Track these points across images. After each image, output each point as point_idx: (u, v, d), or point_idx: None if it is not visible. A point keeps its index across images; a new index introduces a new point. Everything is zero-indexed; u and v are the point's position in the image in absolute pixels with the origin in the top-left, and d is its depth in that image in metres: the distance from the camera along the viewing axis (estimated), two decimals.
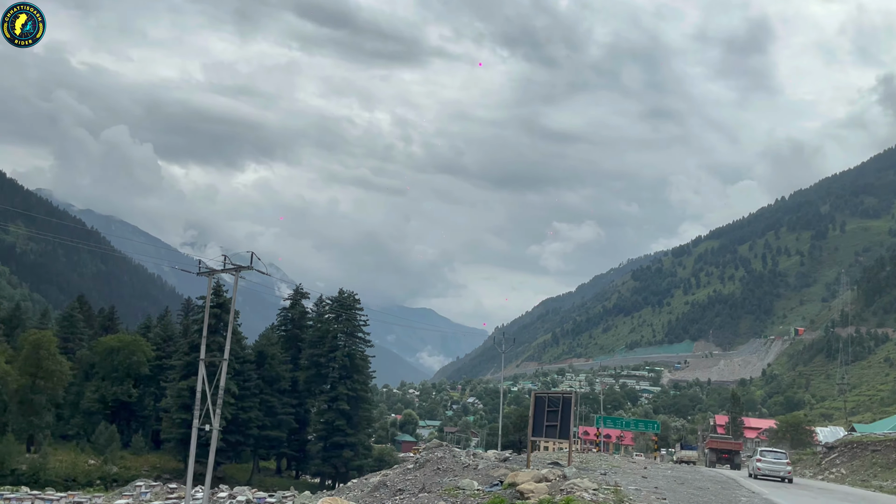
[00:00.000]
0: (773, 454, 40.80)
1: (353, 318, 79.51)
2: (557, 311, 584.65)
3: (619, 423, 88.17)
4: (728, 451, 61.96)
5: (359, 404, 76.29)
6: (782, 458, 40.16)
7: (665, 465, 47.98)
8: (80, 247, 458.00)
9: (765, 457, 40.13)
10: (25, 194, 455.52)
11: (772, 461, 39.35)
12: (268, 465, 77.88)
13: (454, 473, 20.12)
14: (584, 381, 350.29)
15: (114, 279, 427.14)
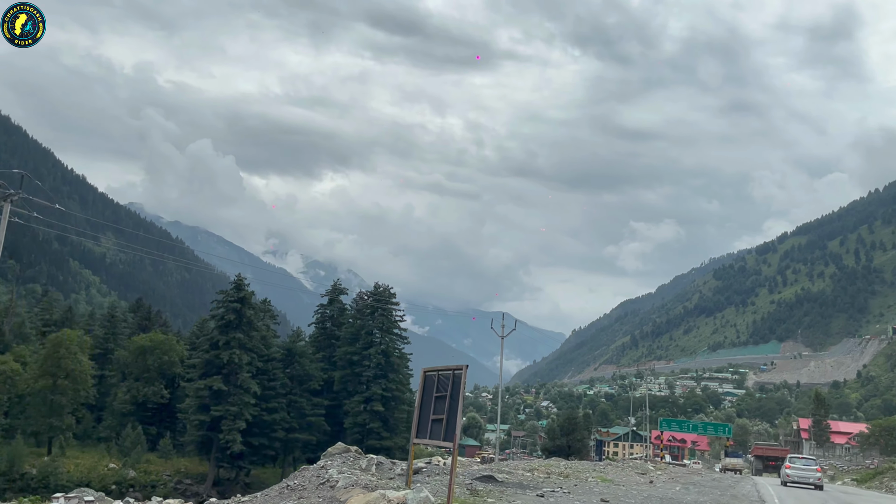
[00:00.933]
0: (803, 461, 40.65)
1: (389, 314, 74.06)
2: (636, 313, 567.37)
3: (684, 426, 79.58)
4: (775, 458, 60.88)
5: (395, 405, 70.74)
6: (812, 464, 40.03)
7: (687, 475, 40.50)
8: (165, 257, 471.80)
9: (794, 464, 39.97)
10: (115, 207, 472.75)
11: (801, 468, 39.17)
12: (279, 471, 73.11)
13: (298, 495, 14.25)
14: (663, 384, 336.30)
15: (196, 287, 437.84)
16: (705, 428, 79.79)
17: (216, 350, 59.12)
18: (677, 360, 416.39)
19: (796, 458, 41.80)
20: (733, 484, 34.32)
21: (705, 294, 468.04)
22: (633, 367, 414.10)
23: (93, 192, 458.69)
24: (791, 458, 41.92)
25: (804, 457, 43.42)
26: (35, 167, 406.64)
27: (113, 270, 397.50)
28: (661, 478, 32.99)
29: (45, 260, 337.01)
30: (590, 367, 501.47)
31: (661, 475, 35.33)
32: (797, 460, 41.29)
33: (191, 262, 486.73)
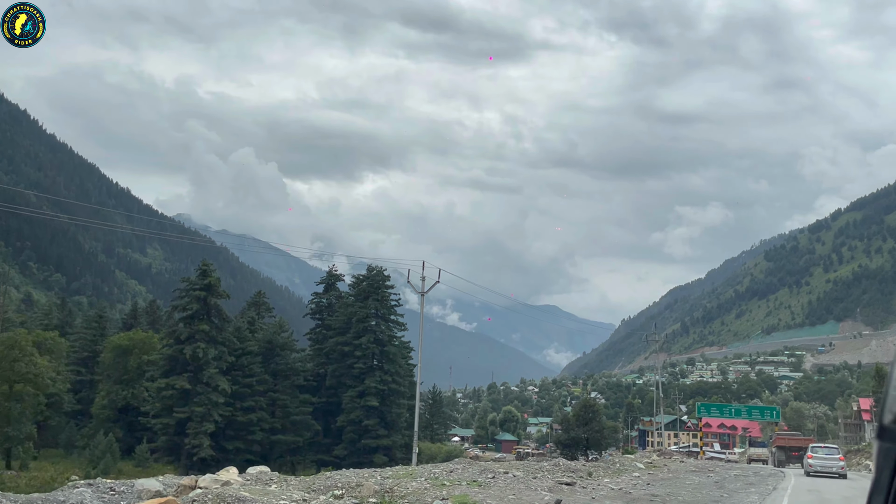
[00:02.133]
0: (825, 450, 40.55)
1: (385, 298, 65.85)
2: (686, 300, 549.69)
3: (725, 411, 69.49)
4: (798, 448, 56.18)
5: (393, 399, 62.55)
6: (834, 453, 39.95)
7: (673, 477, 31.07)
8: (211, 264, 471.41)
9: (816, 453, 39.88)
10: (160, 218, 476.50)
11: (823, 457, 39.09)
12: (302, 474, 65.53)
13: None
14: (716, 370, 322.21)
15: (242, 292, 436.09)
16: (749, 412, 69.43)
17: (180, 345, 51.98)
18: (730, 345, 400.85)
19: (818, 448, 41.37)
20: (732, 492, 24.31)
21: (757, 276, 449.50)
22: (684, 354, 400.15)
23: (137, 204, 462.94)
24: (813, 448, 41.31)
25: (826, 445, 42.97)
26: (81, 182, 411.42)
27: (159, 280, 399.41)
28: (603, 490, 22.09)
29: (90, 272, 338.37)
30: (640, 355, 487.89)
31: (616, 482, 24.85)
32: (819, 449, 40.81)
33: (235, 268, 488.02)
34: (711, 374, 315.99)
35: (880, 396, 14.54)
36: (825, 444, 44.42)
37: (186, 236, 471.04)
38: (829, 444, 43.47)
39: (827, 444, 44.83)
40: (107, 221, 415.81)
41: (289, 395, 58.69)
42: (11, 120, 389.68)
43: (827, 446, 42.57)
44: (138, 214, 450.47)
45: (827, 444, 44.83)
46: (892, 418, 1.45)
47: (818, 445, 42.80)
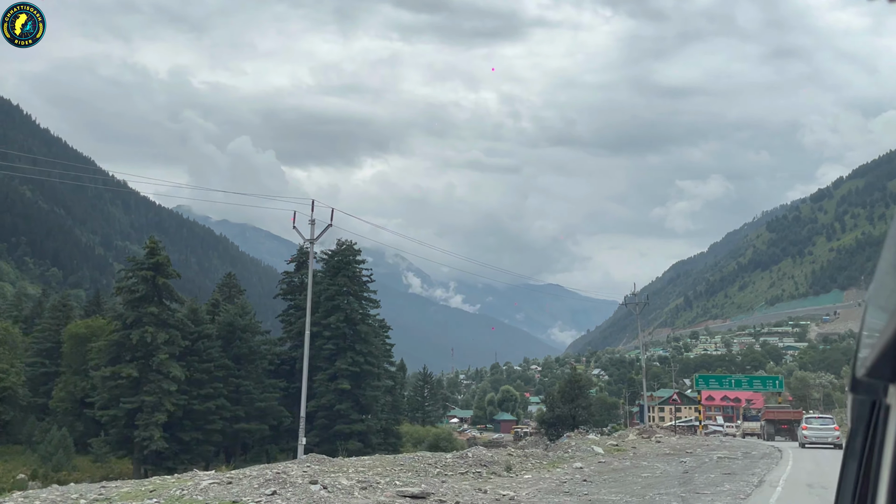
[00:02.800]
0: (820, 420, 40.31)
1: (356, 275, 61.05)
2: (689, 274, 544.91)
3: (724, 382, 64.80)
4: (787, 421, 55.36)
5: (367, 381, 58.01)
6: (829, 423, 39.50)
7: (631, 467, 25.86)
8: (210, 253, 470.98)
9: (811, 424, 39.59)
10: (157, 209, 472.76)
11: (818, 427, 38.86)
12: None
13: None
14: (719, 343, 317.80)
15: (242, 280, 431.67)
16: (751, 383, 64.77)
17: (126, 330, 47.52)
18: (734, 317, 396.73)
19: (813, 419, 41.01)
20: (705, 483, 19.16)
21: (759, 248, 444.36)
22: (688, 328, 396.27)
23: (134, 196, 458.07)
24: (808, 419, 40.73)
25: (821, 416, 43.09)
26: (76, 175, 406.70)
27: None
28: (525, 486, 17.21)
29: (88, 265, 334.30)
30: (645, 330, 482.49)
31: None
32: (814, 420, 40.44)
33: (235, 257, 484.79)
34: (715, 348, 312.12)
35: None
36: (819, 415, 43.71)
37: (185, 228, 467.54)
38: (823, 415, 42.59)
39: (821, 414, 44.39)
40: (103, 214, 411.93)
41: (252, 381, 54.23)
42: (4, 115, 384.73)
43: (821, 417, 41.84)
44: (135, 206, 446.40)
45: (821, 414, 44.39)
46: (864, 371, 1.46)
47: (812, 416, 42.10)
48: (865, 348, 1.48)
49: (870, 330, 1.41)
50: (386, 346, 70.02)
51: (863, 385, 1.61)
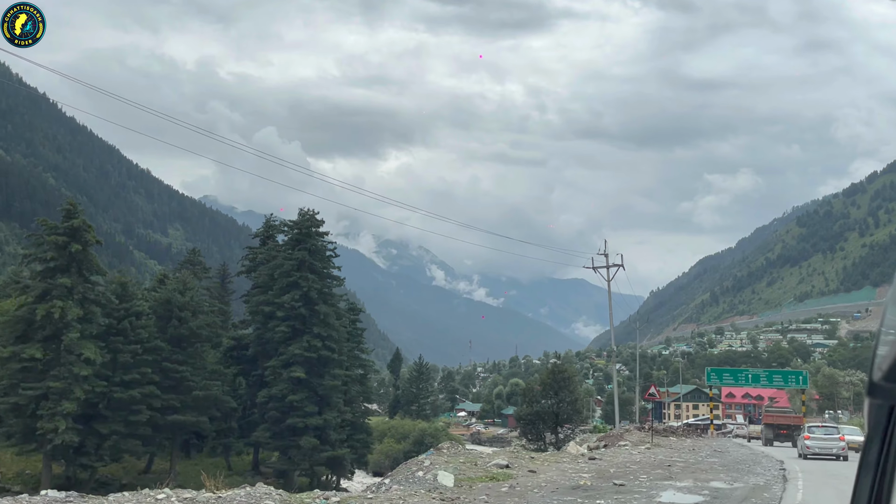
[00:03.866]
0: (824, 430, 36.51)
1: (319, 250, 53.24)
2: (716, 269, 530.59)
3: (739, 377, 55.86)
4: (787, 426, 51.83)
5: (326, 369, 50.44)
6: (833, 433, 35.72)
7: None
8: (232, 243, 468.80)
9: (814, 433, 35.64)
10: (181, 198, 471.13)
11: (822, 437, 35.01)
12: (215, 461, 53.66)
13: None
14: (745, 339, 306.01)
15: None
16: (770, 378, 55.82)
17: (33, 304, 40.57)
18: (761, 313, 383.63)
19: (816, 427, 37.47)
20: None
21: (788, 243, 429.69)
22: (713, 324, 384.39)
23: (158, 184, 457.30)
24: (810, 428, 37.14)
25: (825, 425, 40.13)
26: (101, 164, 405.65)
27: (178, 259, 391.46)
28: None
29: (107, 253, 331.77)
30: (669, 326, 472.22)
31: None
32: (817, 429, 36.72)
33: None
34: (741, 344, 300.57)
35: None
36: (823, 423, 40.89)
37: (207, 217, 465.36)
38: (827, 424, 39.42)
39: (825, 422, 41.44)
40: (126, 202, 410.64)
41: (191, 367, 47.01)
42: (30, 104, 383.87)
43: (825, 425, 38.57)
44: (158, 195, 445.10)
45: (825, 422, 41.44)
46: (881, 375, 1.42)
47: (816, 425, 38.27)
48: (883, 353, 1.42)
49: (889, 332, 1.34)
50: (355, 330, 62.30)
51: (880, 389, 1.55)
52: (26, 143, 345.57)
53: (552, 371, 56.75)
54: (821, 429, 36.61)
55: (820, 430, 36.23)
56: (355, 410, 57.40)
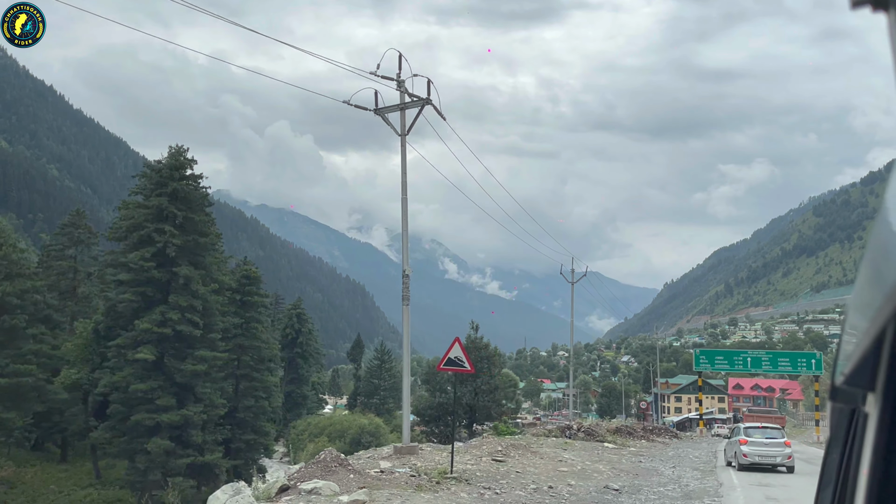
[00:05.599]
0: (763, 432, 27.14)
1: (182, 196, 40.02)
2: (731, 260, 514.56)
3: (737, 361, 42.44)
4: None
5: (190, 351, 37.82)
6: (777, 436, 26.77)
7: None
8: (239, 235, 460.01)
9: (751, 436, 26.63)
10: None
11: (762, 442, 26.35)
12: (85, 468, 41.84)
13: None
14: (759, 330, 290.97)
15: (271, 263, 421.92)
16: (775, 361, 42.01)
17: None
18: (776, 305, 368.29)
19: (753, 429, 27.44)
20: None
21: (805, 233, 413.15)
22: (726, 315, 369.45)
23: None
24: (746, 430, 27.34)
25: (764, 426, 28.47)
26: (107, 156, 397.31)
27: None
28: None
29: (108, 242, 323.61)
30: (682, 318, 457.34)
31: None
32: (755, 431, 27.11)
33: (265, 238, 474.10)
34: (755, 335, 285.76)
35: None
36: (763, 424, 30.87)
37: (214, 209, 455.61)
38: (768, 425, 29.43)
39: (766, 424, 30.54)
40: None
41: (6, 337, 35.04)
42: (36, 95, 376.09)
43: (765, 426, 28.75)
44: None
45: (766, 424, 30.54)
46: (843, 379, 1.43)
47: (753, 426, 28.99)
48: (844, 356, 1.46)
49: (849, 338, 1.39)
50: (254, 304, 49.43)
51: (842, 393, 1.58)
52: (30, 134, 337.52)
53: (466, 348, 43.70)
54: (759, 430, 27.44)
55: (758, 432, 27.21)
56: (251, 406, 44.64)
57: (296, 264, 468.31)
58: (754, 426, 28.37)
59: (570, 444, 26.83)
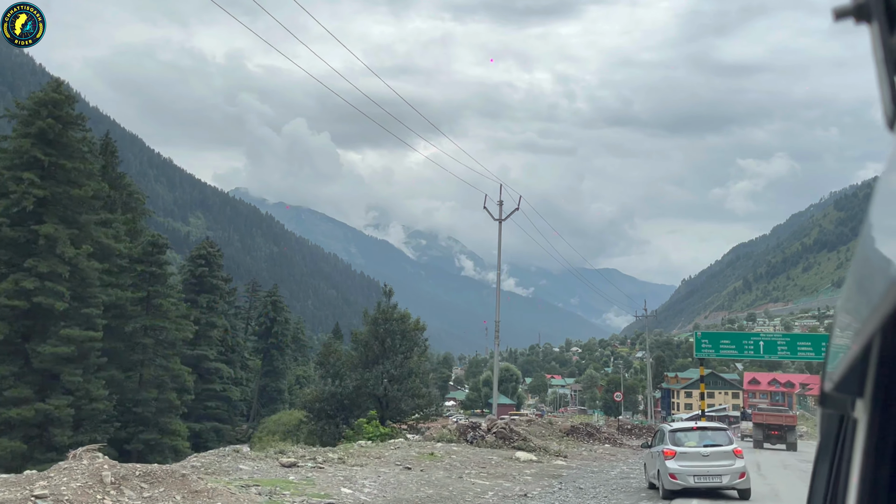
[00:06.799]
0: (701, 436, 17.37)
1: (53, 139, 31.30)
2: (750, 256, 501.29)
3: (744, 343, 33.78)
4: (778, 426, 42.33)
5: (50, 327, 29.59)
6: (722, 441, 17.11)
7: None
8: (254, 231, 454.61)
9: (682, 444, 16.87)
10: (202, 187, 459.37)
11: (698, 454, 16.61)
12: None
13: None
14: (779, 326, 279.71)
15: (286, 260, 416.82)
16: (793, 345, 33.33)
17: None
18: (796, 300, 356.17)
19: (685, 433, 17.36)
20: None
21: (826, 227, 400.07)
22: (745, 311, 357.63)
23: (180, 173, 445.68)
24: (674, 435, 17.21)
25: (703, 426, 18.14)
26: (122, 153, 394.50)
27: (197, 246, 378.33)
28: None
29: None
30: (700, 314, 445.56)
31: None
32: (687, 436, 17.16)
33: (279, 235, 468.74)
34: (774, 330, 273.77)
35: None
36: (699, 424, 19.04)
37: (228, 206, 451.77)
38: (708, 424, 19.20)
39: (706, 423, 20.01)
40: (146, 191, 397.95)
41: None
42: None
43: (704, 427, 17.90)
44: (180, 183, 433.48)
45: (706, 423, 20.01)
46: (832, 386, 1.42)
47: (683, 427, 17.98)
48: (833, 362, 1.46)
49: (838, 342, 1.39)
50: (159, 277, 41.13)
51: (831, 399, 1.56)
52: None
53: (375, 321, 34.28)
54: (696, 434, 17.53)
55: (693, 436, 17.43)
56: (160, 400, 36.40)
57: (310, 261, 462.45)
58: (685, 428, 18.16)
59: (445, 456, 18.26)
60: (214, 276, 66.57)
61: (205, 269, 63.40)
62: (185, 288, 64.15)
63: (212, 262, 64.77)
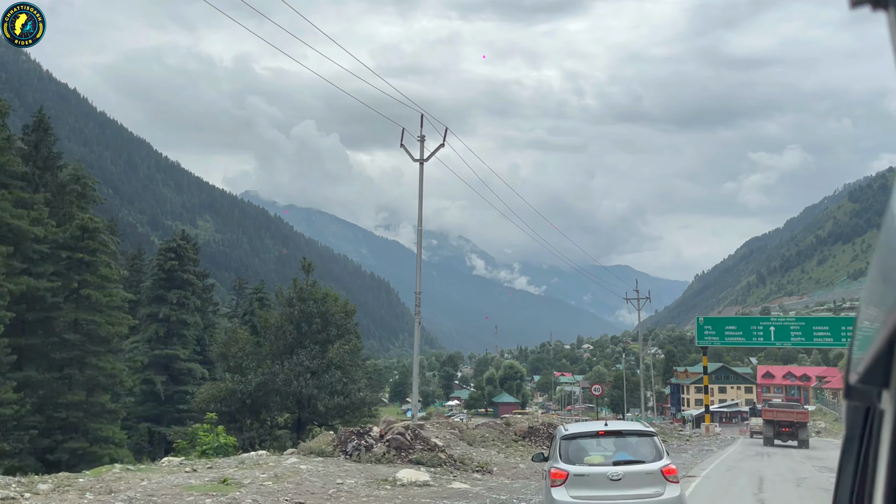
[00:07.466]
0: (614, 444, 9.97)
1: None
2: (763, 250, 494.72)
3: (753, 329, 29.29)
4: (789, 423, 40.03)
5: None
6: (645, 456, 9.69)
7: None
8: (263, 233, 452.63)
9: (581, 461, 9.70)
10: (210, 189, 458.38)
11: (602, 477, 9.29)
12: None
13: None
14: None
15: (295, 261, 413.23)
16: (808, 330, 28.53)
17: None
18: (811, 293, 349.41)
19: (588, 441, 9.90)
20: None
21: (840, 219, 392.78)
22: (759, 305, 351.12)
23: (188, 176, 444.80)
24: (570, 444, 9.74)
25: (613, 429, 10.19)
26: (129, 157, 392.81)
27: (206, 250, 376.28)
28: None
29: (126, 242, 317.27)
30: (714, 310, 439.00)
31: None
32: (587, 445, 9.82)
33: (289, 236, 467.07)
34: None
35: None
36: (608, 426, 10.42)
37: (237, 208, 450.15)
38: (626, 427, 10.49)
39: (613, 422, 11.45)
40: (154, 194, 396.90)
41: None
42: (58, 98, 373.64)
43: (614, 431, 10.13)
44: (188, 187, 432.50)
45: (613, 422, 11.45)
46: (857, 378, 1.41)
47: (584, 431, 10.14)
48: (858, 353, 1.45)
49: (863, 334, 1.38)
50: (97, 265, 36.75)
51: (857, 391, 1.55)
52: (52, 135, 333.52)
53: (288, 302, 29.49)
54: (602, 442, 10.26)
55: (597, 447, 10.14)
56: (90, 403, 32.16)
57: (319, 262, 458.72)
58: (586, 432, 10.59)
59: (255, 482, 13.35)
60: (186, 271, 62.28)
61: (174, 263, 59.21)
62: (153, 283, 60.08)
63: (183, 255, 60.60)
